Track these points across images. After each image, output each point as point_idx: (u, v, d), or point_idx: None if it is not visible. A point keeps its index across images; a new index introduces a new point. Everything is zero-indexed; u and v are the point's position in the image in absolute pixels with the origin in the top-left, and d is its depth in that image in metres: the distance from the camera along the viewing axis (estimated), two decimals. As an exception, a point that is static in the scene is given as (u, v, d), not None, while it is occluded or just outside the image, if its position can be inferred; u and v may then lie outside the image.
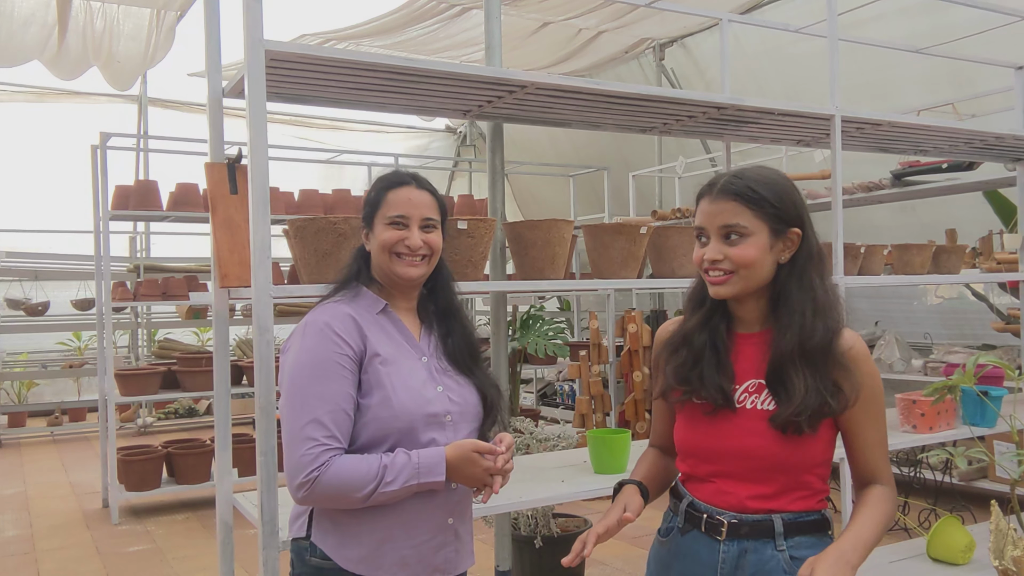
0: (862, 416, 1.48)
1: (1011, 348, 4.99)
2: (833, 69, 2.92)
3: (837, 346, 1.47)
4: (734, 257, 1.47)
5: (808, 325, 1.46)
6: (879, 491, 1.50)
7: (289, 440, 1.55)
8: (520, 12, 6.53)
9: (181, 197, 5.70)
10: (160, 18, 6.70)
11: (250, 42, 1.88)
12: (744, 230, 1.46)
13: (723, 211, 1.48)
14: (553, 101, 2.58)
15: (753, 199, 1.47)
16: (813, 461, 1.49)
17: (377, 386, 1.60)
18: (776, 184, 1.50)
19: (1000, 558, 1.70)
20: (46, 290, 8.40)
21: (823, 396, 1.43)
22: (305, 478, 1.50)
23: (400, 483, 1.53)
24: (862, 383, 1.46)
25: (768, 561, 1.46)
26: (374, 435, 1.59)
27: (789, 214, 1.49)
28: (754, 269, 1.47)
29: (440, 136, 11.17)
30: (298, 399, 1.55)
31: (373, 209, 1.72)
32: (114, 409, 5.47)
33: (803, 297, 1.48)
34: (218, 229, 2.13)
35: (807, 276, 1.50)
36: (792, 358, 1.45)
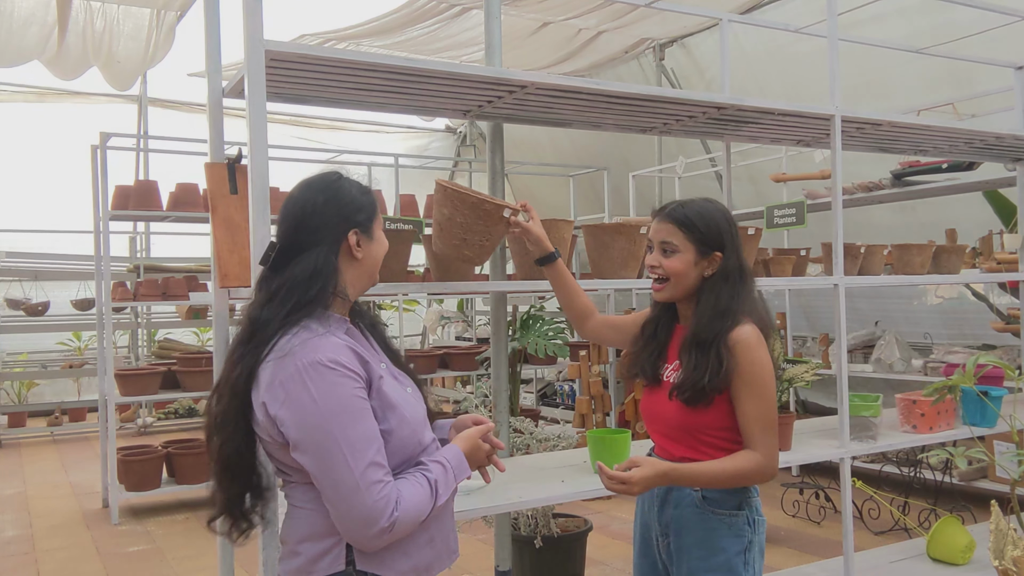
0: (741, 394, 1.86)
1: (1011, 348, 4.99)
2: (833, 69, 2.92)
3: (727, 339, 1.86)
4: (665, 266, 1.95)
5: (703, 321, 1.90)
6: (743, 452, 1.88)
7: (350, 491, 1.43)
8: (520, 12, 6.53)
9: (181, 197, 5.70)
10: (160, 18, 6.70)
11: (250, 42, 1.88)
12: (675, 247, 1.94)
13: (663, 230, 1.96)
14: (553, 101, 2.58)
15: (686, 224, 1.93)
16: (713, 425, 1.90)
17: (388, 408, 1.54)
18: (709, 215, 1.94)
19: (1000, 558, 1.70)
20: (46, 290, 8.40)
21: (702, 375, 1.85)
22: (388, 521, 1.44)
23: (448, 492, 1.57)
24: (738, 368, 1.85)
25: (685, 497, 1.96)
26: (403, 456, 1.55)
27: (713, 240, 1.93)
28: (681, 278, 1.94)
29: (440, 136, 11.17)
30: (345, 448, 1.43)
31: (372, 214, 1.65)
32: (114, 409, 5.47)
33: (708, 302, 1.92)
34: (218, 229, 2.13)
35: (717, 287, 1.93)
36: (687, 345, 1.91)
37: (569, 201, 7.82)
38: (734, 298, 1.91)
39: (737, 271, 1.94)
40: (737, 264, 1.94)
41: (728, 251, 1.93)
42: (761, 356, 1.87)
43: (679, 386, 1.89)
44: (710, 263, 1.93)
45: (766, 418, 1.87)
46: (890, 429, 3.15)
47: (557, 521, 3.74)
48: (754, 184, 6.88)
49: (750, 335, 1.87)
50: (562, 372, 8.07)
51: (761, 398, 1.86)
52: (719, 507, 1.93)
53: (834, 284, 2.92)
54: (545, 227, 2.60)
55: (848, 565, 2.90)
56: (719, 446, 1.90)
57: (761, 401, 1.86)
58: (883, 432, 3.07)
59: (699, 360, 1.86)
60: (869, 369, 5.53)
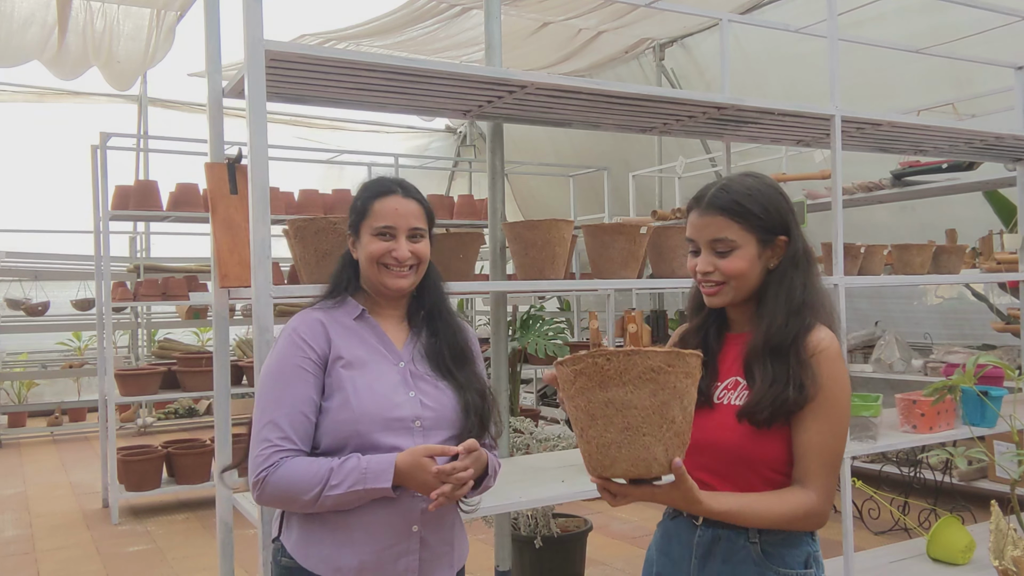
0: (810, 417, 1.48)
1: (1011, 348, 4.99)
2: (833, 69, 2.92)
3: (805, 344, 1.50)
4: (724, 269, 1.54)
5: (777, 323, 1.51)
6: (795, 490, 1.48)
7: (251, 440, 1.59)
8: (520, 12, 6.53)
9: (181, 197, 5.70)
10: (160, 18, 6.70)
11: (250, 42, 1.88)
12: (732, 243, 1.53)
13: (711, 225, 1.54)
14: (553, 101, 2.58)
15: (739, 213, 1.53)
16: (776, 459, 1.50)
17: (338, 389, 1.60)
18: (762, 194, 1.55)
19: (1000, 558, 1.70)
20: (46, 290, 8.40)
21: (783, 389, 1.46)
22: (256, 478, 1.54)
23: (345, 487, 1.52)
24: (822, 383, 1.48)
25: (739, 551, 1.51)
26: (335, 438, 1.58)
27: (775, 223, 1.55)
28: (744, 279, 1.55)
29: (440, 136, 11.17)
30: (261, 403, 1.59)
31: (359, 218, 1.69)
32: (114, 409, 5.47)
33: (779, 298, 1.54)
34: (218, 229, 2.13)
35: (787, 279, 1.55)
36: (758, 354, 1.51)
37: (569, 201, 7.82)
38: (807, 289, 1.56)
39: (804, 256, 1.57)
40: (804, 247, 1.58)
41: (793, 233, 1.56)
42: (841, 372, 1.51)
43: (754, 405, 1.48)
44: (774, 252, 1.56)
45: (832, 451, 1.49)
46: (890, 429, 3.15)
47: (557, 521, 3.74)
48: (754, 184, 6.86)
49: (831, 343, 1.51)
50: (562, 372, 8.06)
51: (833, 425, 1.49)
52: (785, 565, 1.50)
53: (834, 284, 2.92)
54: (545, 227, 2.60)
55: (848, 565, 2.90)
56: (780, 484, 1.51)
57: (832, 429, 1.48)
58: (883, 432, 3.07)
59: (777, 371, 1.48)
60: (869, 369, 5.53)
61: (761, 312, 1.55)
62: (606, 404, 1.29)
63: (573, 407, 1.33)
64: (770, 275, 1.56)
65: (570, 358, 1.31)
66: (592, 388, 1.30)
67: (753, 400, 1.48)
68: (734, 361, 1.58)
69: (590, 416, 1.31)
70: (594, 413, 1.30)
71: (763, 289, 1.56)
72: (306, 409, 1.58)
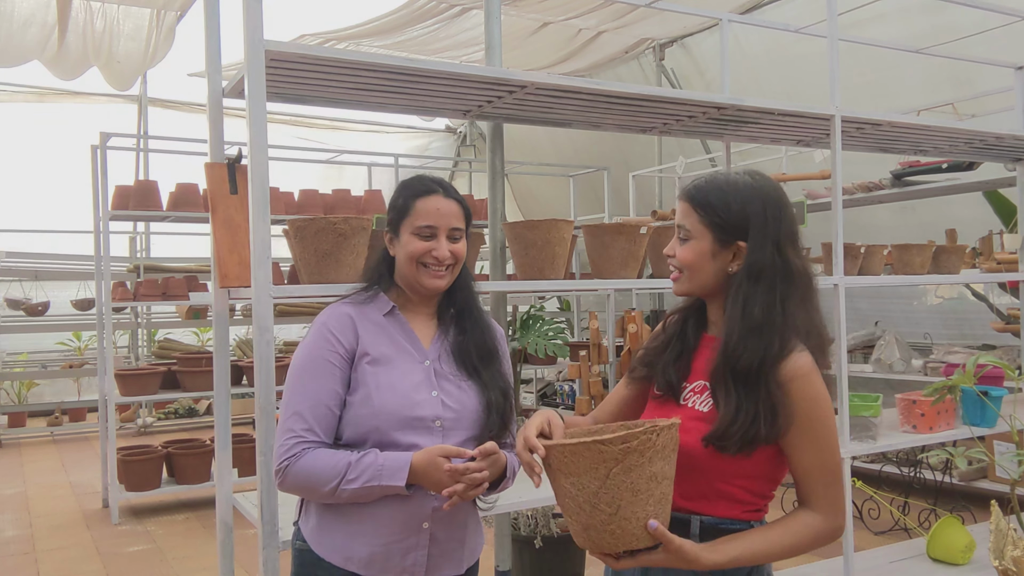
0: (796, 442, 1.42)
1: (1011, 348, 4.99)
2: (833, 69, 2.92)
3: (776, 372, 1.41)
4: (678, 255, 1.54)
5: (733, 339, 1.43)
6: (800, 516, 1.45)
7: (278, 429, 1.64)
8: (520, 12, 6.53)
9: (181, 197, 5.70)
10: (160, 18, 6.70)
11: (250, 42, 1.88)
12: (688, 232, 1.52)
13: (680, 210, 1.55)
14: (553, 101, 2.58)
15: (700, 204, 1.51)
16: (739, 473, 1.45)
17: (362, 384, 1.63)
18: (737, 194, 1.49)
19: (1000, 558, 1.70)
20: (46, 290, 8.40)
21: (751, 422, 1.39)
22: (278, 465, 1.59)
23: (361, 482, 1.55)
24: (796, 412, 1.41)
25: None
26: (355, 432, 1.62)
27: (734, 225, 1.48)
28: (695, 271, 1.51)
29: (440, 136, 11.17)
30: (288, 394, 1.63)
31: (400, 216, 1.71)
32: (114, 409, 5.47)
33: (734, 308, 1.46)
34: (218, 229, 2.12)
35: (741, 290, 1.46)
36: (720, 376, 1.44)
37: (569, 201, 7.82)
38: (770, 309, 1.44)
39: (773, 270, 1.46)
40: (772, 261, 1.46)
41: (756, 241, 1.46)
42: (818, 390, 1.43)
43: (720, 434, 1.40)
44: (735, 256, 1.49)
45: (829, 468, 1.44)
46: (890, 429, 3.15)
47: (557, 521, 3.74)
48: (754, 184, 6.87)
49: (804, 365, 1.43)
50: (562, 372, 8.07)
51: (823, 445, 1.43)
52: None
53: (834, 284, 2.92)
54: (545, 227, 2.60)
55: (848, 565, 2.90)
56: (736, 497, 1.46)
57: (823, 448, 1.43)
58: (883, 432, 3.07)
59: (745, 402, 1.40)
60: (869, 369, 5.53)
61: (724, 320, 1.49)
62: (581, 489, 1.32)
63: (555, 488, 1.38)
64: (730, 280, 1.50)
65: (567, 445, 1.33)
66: (561, 475, 1.34)
67: (719, 429, 1.41)
68: (707, 363, 1.51)
69: (570, 498, 1.34)
70: (572, 496, 1.33)
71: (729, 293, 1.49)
72: (331, 402, 1.62)
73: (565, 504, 1.36)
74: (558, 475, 1.34)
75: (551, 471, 1.36)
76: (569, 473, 1.31)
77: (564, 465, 1.32)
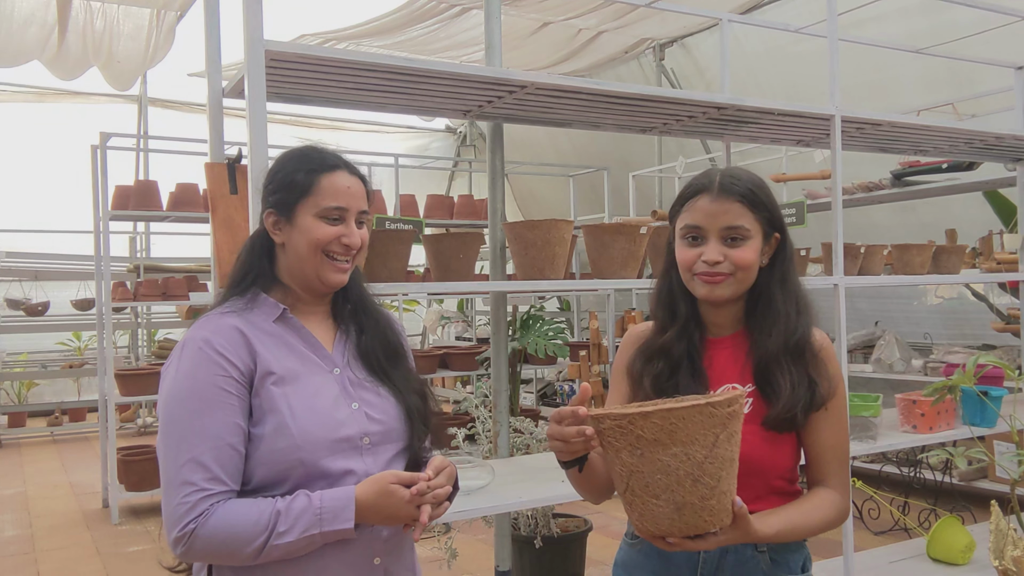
0: (822, 415, 1.47)
1: (1011, 348, 4.99)
2: (833, 69, 2.92)
3: (811, 343, 1.49)
4: (736, 259, 1.46)
5: (793, 323, 1.48)
6: (823, 493, 1.48)
7: (166, 484, 1.29)
8: (520, 12, 6.53)
9: (181, 197, 5.70)
10: (160, 18, 6.70)
11: (250, 42, 1.88)
12: (747, 232, 1.46)
13: (728, 211, 1.46)
14: (553, 101, 2.58)
15: (754, 202, 1.47)
16: (785, 465, 1.49)
17: (271, 411, 1.33)
18: (765, 189, 1.51)
19: (1000, 558, 1.70)
20: (46, 290, 8.40)
21: (808, 390, 1.44)
22: (181, 532, 1.27)
23: (297, 533, 1.27)
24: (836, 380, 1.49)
25: (748, 561, 1.46)
26: (272, 472, 1.32)
27: (777, 219, 1.51)
28: (751, 272, 1.49)
29: (440, 136, 11.17)
30: (174, 436, 1.30)
31: (298, 195, 1.42)
32: (114, 409, 5.47)
33: (788, 297, 1.50)
34: (218, 229, 2.13)
35: (790, 277, 1.52)
36: (777, 357, 1.46)
37: (569, 201, 7.82)
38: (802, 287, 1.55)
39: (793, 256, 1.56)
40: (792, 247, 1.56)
41: (785, 231, 1.54)
42: (840, 370, 1.54)
43: (785, 411, 1.43)
44: (769, 248, 1.52)
45: (846, 447, 1.52)
46: (890, 429, 3.15)
47: (557, 521, 3.74)
48: (754, 184, 6.87)
49: (829, 342, 1.53)
50: (562, 372, 8.07)
51: (843, 422, 1.51)
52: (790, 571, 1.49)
53: (834, 284, 2.92)
54: (545, 227, 2.60)
55: (848, 565, 2.90)
56: (788, 490, 1.51)
57: (843, 426, 1.51)
58: (883, 432, 3.07)
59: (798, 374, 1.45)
60: (869, 369, 5.53)
61: (767, 313, 1.50)
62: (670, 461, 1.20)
63: (640, 464, 1.22)
64: (767, 273, 1.51)
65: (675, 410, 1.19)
66: (659, 447, 1.20)
67: (786, 406, 1.43)
68: (727, 367, 1.52)
69: (665, 474, 1.20)
70: (672, 470, 1.20)
71: (760, 289, 1.51)
72: (234, 440, 1.30)
73: (654, 482, 1.20)
74: (654, 448, 1.19)
75: (633, 445, 1.20)
76: (673, 442, 1.18)
77: (667, 434, 1.18)
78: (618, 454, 1.22)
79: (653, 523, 1.23)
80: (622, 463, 1.22)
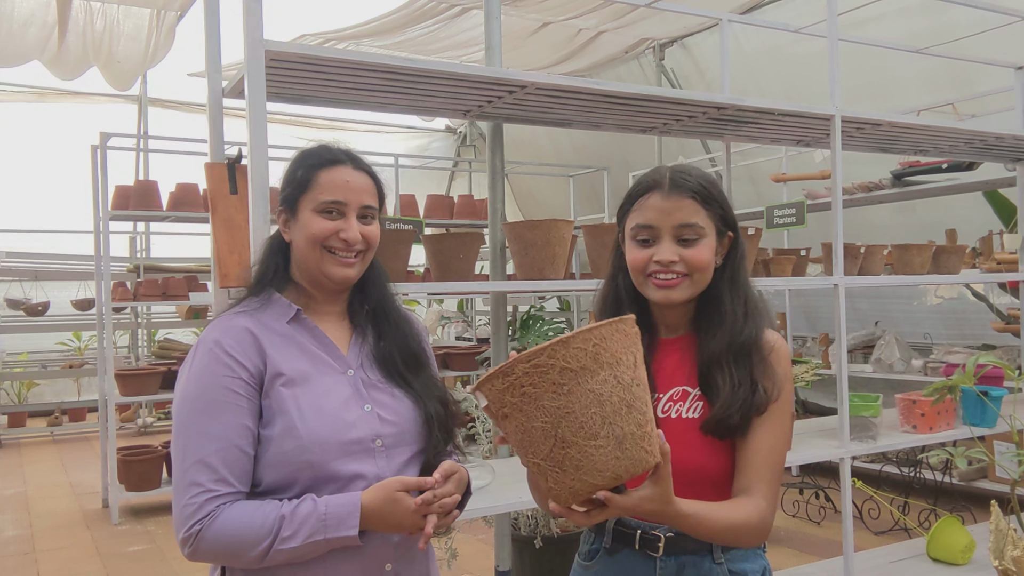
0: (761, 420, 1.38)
1: (1011, 348, 4.99)
2: (833, 69, 2.92)
3: (761, 345, 1.42)
4: (691, 259, 1.40)
5: (740, 325, 1.42)
6: (744, 500, 1.35)
7: (175, 485, 1.32)
8: (520, 12, 6.53)
9: (181, 197, 5.70)
10: (160, 18, 6.70)
11: (250, 42, 1.88)
12: (701, 231, 1.41)
13: (681, 209, 1.40)
14: (553, 101, 2.58)
15: (707, 199, 1.42)
16: (722, 474, 1.40)
17: (280, 413, 1.33)
18: (718, 185, 1.46)
19: (1000, 558, 1.70)
20: (46, 290, 8.41)
21: (751, 392, 1.36)
22: (187, 532, 1.29)
23: (301, 538, 1.26)
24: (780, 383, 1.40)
25: (707, 574, 1.39)
26: (281, 474, 1.32)
27: (730, 217, 1.46)
28: (706, 272, 1.43)
29: (440, 136, 11.17)
30: (183, 437, 1.32)
31: (299, 190, 1.43)
32: (114, 409, 5.47)
33: (735, 298, 1.44)
34: (218, 229, 2.13)
35: (740, 277, 1.47)
36: (719, 359, 1.40)
37: (569, 201, 7.82)
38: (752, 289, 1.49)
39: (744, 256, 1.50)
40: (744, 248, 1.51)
41: (737, 230, 1.48)
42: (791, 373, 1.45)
43: (723, 413, 1.36)
44: (722, 247, 1.46)
45: (781, 456, 1.41)
46: (890, 429, 3.15)
47: (557, 521, 3.74)
48: (754, 184, 6.88)
49: (782, 343, 1.46)
50: (562, 372, 8.06)
51: (782, 426, 1.41)
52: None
53: (834, 284, 2.92)
54: (545, 227, 2.60)
55: (848, 565, 2.90)
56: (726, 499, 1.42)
57: (782, 430, 1.41)
58: (883, 432, 3.07)
59: (741, 374, 1.38)
60: (869, 369, 5.53)
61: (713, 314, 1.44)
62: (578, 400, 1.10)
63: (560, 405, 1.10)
64: (718, 273, 1.45)
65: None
66: (586, 375, 1.10)
67: (722, 408, 1.36)
68: (676, 369, 1.45)
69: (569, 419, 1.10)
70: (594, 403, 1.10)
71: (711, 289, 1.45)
72: (242, 442, 1.31)
73: (590, 419, 1.10)
74: (584, 377, 1.10)
75: (557, 384, 1.10)
76: (600, 366, 1.10)
77: (592, 358, 1.10)
78: (538, 404, 1.10)
79: (594, 472, 1.11)
80: (546, 413, 1.10)
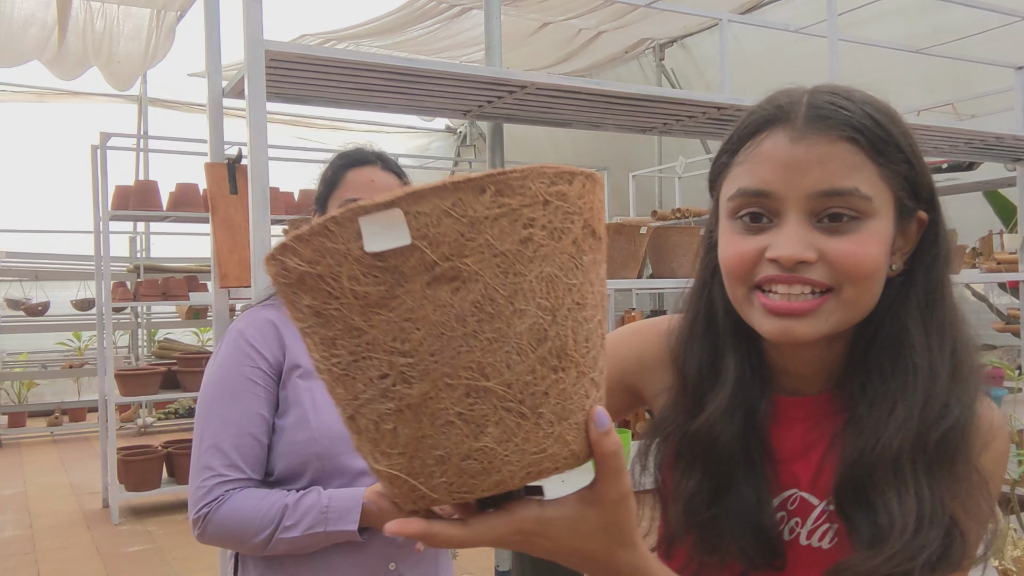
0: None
1: (1011, 348, 4.99)
2: (833, 69, 2.92)
3: (971, 439, 0.75)
4: (842, 257, 0.72)
5: (937, 396, 0.74)
6: None
7: (191, 469, 1.35)
8: (520, 12, 6.53)
9: (181, 197, 5.70)
10: (160, 18, 6.70)
11: (250, 42, 1.88)
12: (864, 205, 0.73)
13: (825, 161, 0.72)
14: (553, 101, 2.59)
15: (879, 143, 0.74)
16: None
17: (294, 404, 1.35)
18: (902, 123, 0.78)
19: (1000, 558, 1.70)
20: (46, 290, 8.41)
21: (936, 535, 0.71)
22: (197, 514, 1.30)
23: (302, 529, 1.28)
24: (984, 519, 0.75)
25: None
26: (291, 463, 1.35)
27: (924, 181, 0.79)
28: (870, 285, 0.74)
29: (440, 136, 11.17)
30: (202, 421, 1.35)
31: (328, 189, 1.48)
32: (114, 409, 5.47)
33: (932, 339, 0.76)
34: (218, 229, 2.13)
35: (939, 298, 0.78)
36: (890, 460, 0.73)
37: (569, 201, 7.80)
38: (965, 322, 0.79)
39: (948, 257, 0.81)
40: (948, 244, 0.82)
41: (938, 209, 0.82)
42: (998, 489, 0.83)
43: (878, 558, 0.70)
44: (906, 240, 0.79)
45: None
46: (890, 429, 3.15)
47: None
48: (754, 184, 6.87)
49: (1002, 426, 0.81)
50: (562, 372, 8.06)
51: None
52: None
53: (834, 284, 2.92)
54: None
55: (848, 565, 2.90)
56: None
57: None
58: (883, 432, 3.07)
59: (926, 498, 0.72)
60: (869, 369, 5.52)
61: (893, 366, 0.76)
62: None
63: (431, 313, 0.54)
64: (898, 289, 0.78)
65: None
66: None
67: (877, 557, 0.70)
68: (797, 456, 0.81)
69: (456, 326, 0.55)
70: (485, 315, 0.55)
71: (886, 315, 0.77)
72: (256, 430, 1.34)
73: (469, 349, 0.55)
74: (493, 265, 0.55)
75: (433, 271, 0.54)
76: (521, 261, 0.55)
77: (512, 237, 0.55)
78: None
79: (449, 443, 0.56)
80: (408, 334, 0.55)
